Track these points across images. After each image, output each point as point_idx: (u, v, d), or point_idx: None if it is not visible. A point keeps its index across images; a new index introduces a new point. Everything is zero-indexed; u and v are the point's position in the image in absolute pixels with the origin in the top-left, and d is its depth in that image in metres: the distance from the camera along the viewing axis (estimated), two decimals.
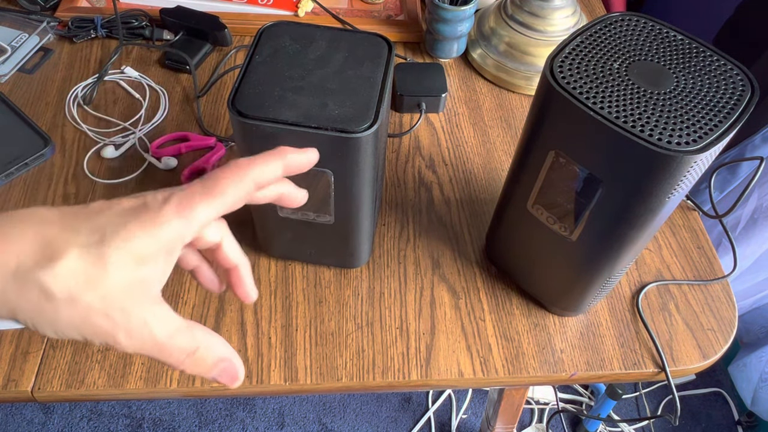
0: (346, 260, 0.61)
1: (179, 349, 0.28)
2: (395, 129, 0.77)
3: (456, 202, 0.69)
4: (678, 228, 0.68)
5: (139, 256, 0.26)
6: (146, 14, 0.85)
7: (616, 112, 0.41)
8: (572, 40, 0.46)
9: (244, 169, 0.29)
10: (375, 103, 0.47)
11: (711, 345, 0.59)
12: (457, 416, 1.36)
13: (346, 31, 0.52)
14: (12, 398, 0.54)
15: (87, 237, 0.26)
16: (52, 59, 0.82)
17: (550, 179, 0.49)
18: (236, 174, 0.29)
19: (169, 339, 0.28)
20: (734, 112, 0.42)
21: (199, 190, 0.28)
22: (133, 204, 0.27)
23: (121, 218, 0.27)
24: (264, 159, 0.31)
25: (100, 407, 1.36)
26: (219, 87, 0.80)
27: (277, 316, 0.59)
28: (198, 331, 0.29)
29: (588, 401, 1.40)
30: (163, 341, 0.28)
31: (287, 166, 0.32)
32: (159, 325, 0.27)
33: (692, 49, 0.45)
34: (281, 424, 1.34)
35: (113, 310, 0.26)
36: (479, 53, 0.84)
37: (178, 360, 0.28)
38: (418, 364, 0.56)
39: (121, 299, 0.26)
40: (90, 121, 0.75)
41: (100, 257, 0.25)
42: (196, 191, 0.28)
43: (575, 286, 0.55)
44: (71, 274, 0.25)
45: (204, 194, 0.28)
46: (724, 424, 1.39)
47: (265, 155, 0.31)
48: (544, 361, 0.57)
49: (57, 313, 0.25)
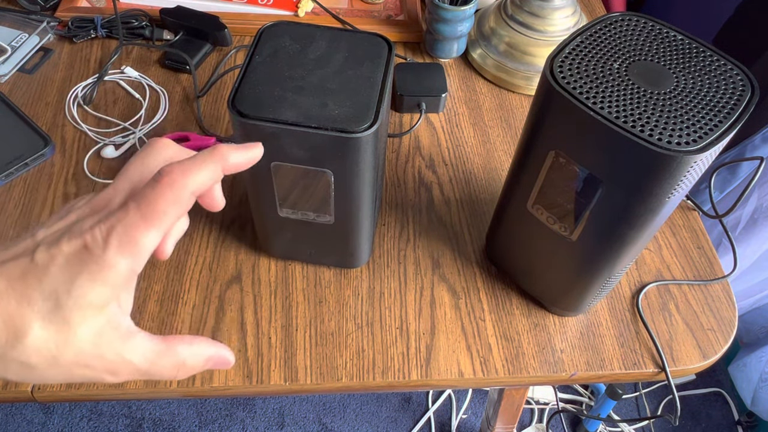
0: (346, 260, 0.61)
1: (167, 368, 0.29)
2: (395, 129, 0.77)
3: (456, 202, 0.69)
4: (678, 228, 0.68)
5: (97, 305, 0.26)
6: (146, 14, 0.85)
7: (616, 112, 0.41)
8: (572, 40, 0.46)
9: (180, 181, 0.26)
10: (375, 103, 0.47)
11: (711, 345, 0.59)
12: (457, 416, 1.36)
13: (346, 31, 0.52)
14: (12, 398, 0.54)
15: (42, 305, 0.25)
16: (52, 59, 0.82)
17: (550, 179, 0.49)
18: (173, 190, 0.26)
19: (152, 365, 0.28)
20: (734, 112, 0.42)
21: (137, 219, 0.26)
22: (74, 249, 0.26)
23: (68, 273, 0.25)
24: (199, 166, 0.27)
25: (100, 407, 1.36)
26: (219, 87, 0.80)
27: (277, 316, 0.59)
28: (179, 346, 0.29)
29: (588, 401, 1.40)
30: (146, 369, 0.28)
31: (226, 168, 0.29)
32: (138, 357, 0.28)
33: (692, 49, 0.45)
34: (281, 424, 1.34)
35: (91, 359, 0.27)
36: (479, 53, 0.84)
37: (170, 375, 0.29)
38: (418, 364, 0.56)
39: (94, 348, 0.27)
40: (90, 121, 0.75)
41: (63, 321, 0.26)
42: (133, 221, 0.26)
43: (575, 286, 0.55)
44: (41, 344, 0.25)
45: (144, 222, 0.26)
46: (724, 424, 1.39)
47: (201, 159, 0.28)
48: (544, 361, 0.57)
49: (43, 375, 0.26)
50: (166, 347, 0.29)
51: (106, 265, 0.26)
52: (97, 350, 0.27)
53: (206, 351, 0.30)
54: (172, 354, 0.29)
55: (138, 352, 0.28)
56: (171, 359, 0.29)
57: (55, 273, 0.26)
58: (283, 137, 0.46)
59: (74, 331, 0.26)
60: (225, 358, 0.31)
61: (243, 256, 0.63)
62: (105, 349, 0.27)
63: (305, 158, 0.47)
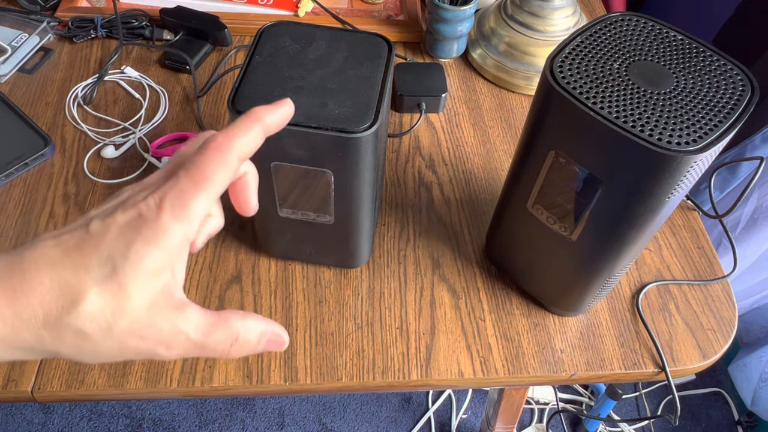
0: (346, 260, 0.61)
1: (220, 343, 0.28)
2: (395, 129, 0.77)
3: (456, 202, 0.69)
4: (678, 228, 0.68)
5: (153, 271, 0.26)
6: (146, 14, 0.85)
7: (616, 112, 0.41)
8: (572, 40, 0.46)
9: (227, 146, 0.28)
10: (375, 103, 0.47)
11: (711, 345, 0.59)
12: (457, 416, 1.36)
13: (346, 31, 0.52)
14: (12, 398, 0.54)
15: (99, 271, 0.26)
16: (52, 59, 0.82)
17: (550, 179, 0.49)
18: (220, 155, 0.28)
19: (206, 337, 0.28)
20: (734, 112, 0.42)
21: (188, 184, 0.27)
22: (128, 218, 0.27)
23: (124, 240, 0.26)
24: (241, 129, 0.29)
25: (100, 407, 1.36)
26: (219, 87, 0.80)
27: (277, 316, 0.59)
28: (233, 320, 0.29)
29: (588, 401, 1.40)
30: (201, 341, 0.28)
31: (267, 128, 0.30)
32: (192, 329, 0.27)
33: (692, 49, 0.45)
34: (281, 424, 1.34)
35: (146, 329, 0.26)
36: (479, 53, 0.84)
37: (223, 351, 0.29)
38: (418, 364, 0.56)
39: (149, 317, 0.26)
40: (90, 121, 0.75)
41: (119, 288, 0.26)
42: (185, 187, 0.27)
43: (575, 286, 0.55)
44: (97, 311, 0.25)
45: (194, 186, 0.27)
46: (724, 424, 1.39)
47: (241, 124, 0.29)
48: (544, 361, 0.57)
49: (96, 347, 0.26)
50: (220, 319, 0.28)
51: (160, 229, 0.26)
52: (152, 319, 0.26)
53: (259, 326, 0.30)
54: (225, 326, 0.28)
55: (191, 323, 0.27)
56: (224, 332, 0.28)
57: (111, 240, 0.26)
58: (283, 137, 0.46)
59: (129, 298, 0.26)
60: (279, 336, 0.31)
61: (243, 256, 0.63)
62: (159, 318, 0.27)
63: (305, 158, 0.47)
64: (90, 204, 0.66)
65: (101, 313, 0.25)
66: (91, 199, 0.67)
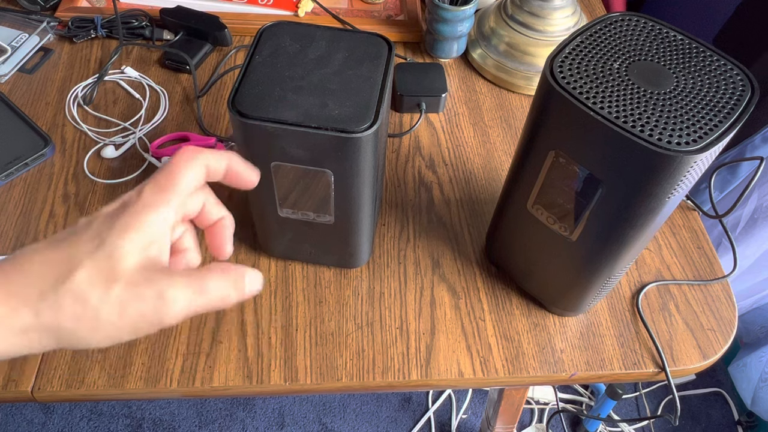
0: (346, 260, 0.61)
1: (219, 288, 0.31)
2: (395, 129, 0.77)
3: (456, 202, 0.69)
4: (678, 228, 0.68)
5: (140, 243, 0.29)
6: (146, 14, 0.85)
7: (616, 112, 0.41)
8: (572, 40, 0.46)
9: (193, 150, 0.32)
10: (375, 103, 0.47)
11: (711, 345, 0.59)
12: (457, 416, 1.36)
13: (346, 31, 0.52)
14: (12, 398, 0.54)
15: (88, 246, 0.29)
16: (52, 59, 0.82)
17: (550, 179, 0.49)
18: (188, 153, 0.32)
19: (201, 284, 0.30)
20: (734, 112, 0.42)
21: (163, 176, 0.31)
22: (114, 207, 0.30)
23: (110, 220, 0.29)
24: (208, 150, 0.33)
25: (100, 407, 1.36)
26: (219, 87, 0.80)
27: (277, 316, 0.59)
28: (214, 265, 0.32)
29: (588, 401, 1.40)
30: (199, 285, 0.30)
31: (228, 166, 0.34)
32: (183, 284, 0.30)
33: (692, 49, 0.45)
34: (281, 424, 1.34)
35: (144, 290, 0.29)
36: (479, 53, 0.84)
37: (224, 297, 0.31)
38: (418, 364, 0.56)
39: (144, 278, 0.29)
40: (90, 121, 0.75)
41: (109, 255, 0.28)
42: (160, 178, 0.31)
43: (575, 286, 0.55)
44: (92, 277, 0.28)
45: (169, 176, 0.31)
46: (724, 424, 1.39)
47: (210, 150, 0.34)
48: (544, 361, 0.57)
49: (96, 313, 0.28)
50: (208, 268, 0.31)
51: (142, 207, 0.30)
52: (148, 279, 0.29)
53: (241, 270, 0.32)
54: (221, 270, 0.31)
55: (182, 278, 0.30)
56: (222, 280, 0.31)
57: (98, 224, 0.30)
58: (283, 137, 0.46)
59: (121, 262, 0.28)
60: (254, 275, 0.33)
61: (243, 256, 0.63)
62: (156, 278, 0.29)
63: (305, 158, 0.47)
64: (90, 204, 0.66)
65: (97, 278, 0.28)
66: (91, 199, 0.67)
